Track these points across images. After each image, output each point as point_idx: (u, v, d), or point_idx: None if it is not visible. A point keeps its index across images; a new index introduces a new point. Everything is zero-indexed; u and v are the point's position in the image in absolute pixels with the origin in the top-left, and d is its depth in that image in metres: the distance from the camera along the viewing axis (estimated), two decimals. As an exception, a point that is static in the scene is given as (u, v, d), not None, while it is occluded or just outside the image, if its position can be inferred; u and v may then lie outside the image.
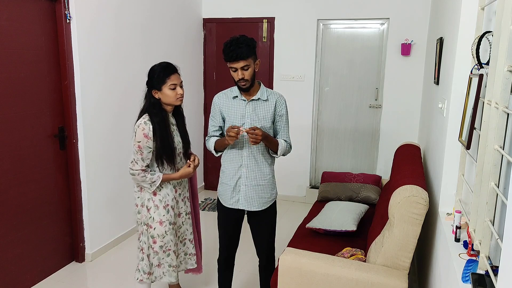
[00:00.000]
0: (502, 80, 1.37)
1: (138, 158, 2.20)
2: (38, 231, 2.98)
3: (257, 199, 2.39)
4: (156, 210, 2.31)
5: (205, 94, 5.13)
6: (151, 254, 2.37)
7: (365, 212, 3.02)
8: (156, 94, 2.23)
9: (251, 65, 2.20)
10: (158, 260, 2.39)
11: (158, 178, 2.24)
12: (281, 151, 2.36)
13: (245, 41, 2.17)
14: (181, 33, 4.54)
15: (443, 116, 2.38)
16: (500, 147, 1.39)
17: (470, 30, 1.98)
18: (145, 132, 2.16)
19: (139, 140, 2.17)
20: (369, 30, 4.49)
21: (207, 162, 5.26)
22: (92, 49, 3.22)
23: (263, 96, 2.32)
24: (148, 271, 2.40)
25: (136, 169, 2.20)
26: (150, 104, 2.24)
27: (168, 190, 2.34)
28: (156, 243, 2.34)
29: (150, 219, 2.32)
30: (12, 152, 2.74)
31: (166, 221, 2.33)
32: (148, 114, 2.22)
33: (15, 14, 2.70)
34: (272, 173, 2.46)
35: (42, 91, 2.94)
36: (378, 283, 2.02)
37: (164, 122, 2.24)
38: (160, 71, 2.21)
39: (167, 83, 2.21)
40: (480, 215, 1.48)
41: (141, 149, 2.17)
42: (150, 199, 2.31)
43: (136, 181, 2.26)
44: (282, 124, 2.40)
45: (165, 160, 2.26)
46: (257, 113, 2.31)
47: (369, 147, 4.69)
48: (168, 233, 2.36)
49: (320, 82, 4.72)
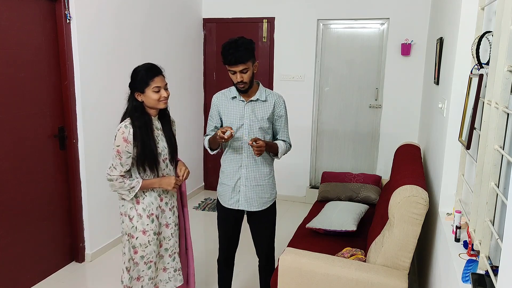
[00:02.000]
0: (502, 80, 1.37)
1: (117, 163, 2.06)
2: (38, 231, 2.98)
3: (256, 199, 2.39)
4: (139, 219, 2.16)
5: (205, 94, 5.13)
6: (131, 267, 2.21)
7: (365, 212, 3.02)
8: (138, 96, 2.10)
9: (250, 67, 2.20)
10: (137, 273, 2.22)
11: (137, 183, 2.10)
12: (281, 153, 2.39)
13: (243, 44, 2.16)
14: (181, 33, 4.54)
15: (443, 116, 2.38)
16: (500, 147, 1.39)
17: (470, 30, 1.98)
18: (124, 136, 2.04)
19: (118, 144, 2.05)
20: (369, 30, 4.49)
21: (207, 162, 5.26)
22: (92, 49, 3.22)
23: (261, 96, 2.32)
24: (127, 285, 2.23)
25: (114, 174, 2.07)
26: (132, 107, 2.11)
27: (152, 199, 2.18)
28: (137, 253, 2.18)
29: (133, 228, 2.17)
30: (12, 152, 2.74)
31: (149, 230, 2.17)
32: (130, 117, 2.10)
33: (15, 14, 2.70)
34: (272, 173, 2.46)
35: (42, 91, 2.94)
36: (378, 283, 2.02)
37: (146, 126, 2.11)
38: (144, 73, 2.09)
39: (150, 85, 2.08)
40: (480, 215, 1.48)
41: (120, 153, 2.05)
42: (133, 208, 2.16)
43: (113, 188, 2.11)
44: (282, 124, 2.41)
45: (147, 167, 2.12)
46: (256, 113, 2.32)
47: (369, 147, 4.69)
48: (151, 243, 2.19)
49: (320, 82, 4.72)
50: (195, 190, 5.11)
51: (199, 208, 4.64)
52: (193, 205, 4.74)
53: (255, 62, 2.25)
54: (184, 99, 4.69)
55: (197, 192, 5.15)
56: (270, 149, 2.34)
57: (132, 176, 2.14)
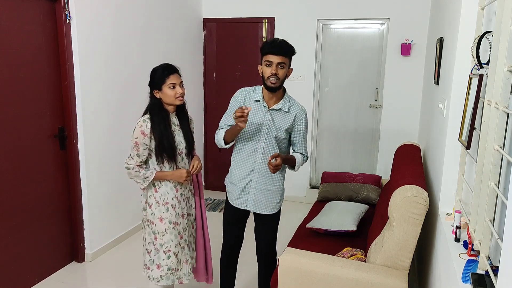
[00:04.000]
0: (502, 80, 1.37)
1: (134, 153, 2.25)
2: (38, 231, 2.98)
3: (265, 203, 2.42)
4: (157, 207, 2.34)
5: (205, 94, 5.12)
6: (152, 251, 2.37)
7: (365, 212, 3.02)
8: (157, 94, 2.29)
9: (286, 66, 2.22)
10: (158, 260, 2.36)
11: (151, 174, 2.28)
12: (298, 167, 2.42)
13: (289, 44, 2.24)
14: (181, 33, 4.54)
15: (443, 116, 2.38)
16: (500, 147, 1.39)
17: (470, 30, 1.98)
18: (142, 129, 2.22)
19: (136, 137, 2.23)
20: (369, 30, 4.49)
21: (207, 162, 5.26)
22: (92, 49, 3.22)
23: (284, 106, 2.32)
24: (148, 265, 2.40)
25: (131, 163, 2.26)
26: (152, 104, 2.30)
27: (167, 188, 2.34)
28: (157, 240, 2.35)
29: (152, 215, 2.35)
30: (12, 152, 2.74)
31: (165, 218, 2.33)
32: (150, 113, 2.29)
33: (15, 14, 2.69)
34: (283, 179, 2.48)
35: (42, 91, 2.94)
36: (378, 283, 2.02)
37: (164, 120, 2.28)
38: (161, 71, 2.28)
39: (166, 82, 2.25)
40: (480, 215, 1.48)
41: (138, 145, 2.23)
42: (152, 196, 2.35)
43: (130, 176, 2.30)
44: (300, 137, 2.41)
45: (165, 158, 2.30)
46: (275, 123, 2.32)
47: (369, 147, 4.69)
48: (167, 231, 2.34)
49: (320, 82, 4.72)
50: (195, 190, 5.11)
51: (199, 208, 4.63)
52: (193, 205, 4.74)
53: (291, 66, 2.28)
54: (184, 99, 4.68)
55: (197, 192, 5.15)
56: (287, 162, 2.38)
57: (151, 167, 2.31)
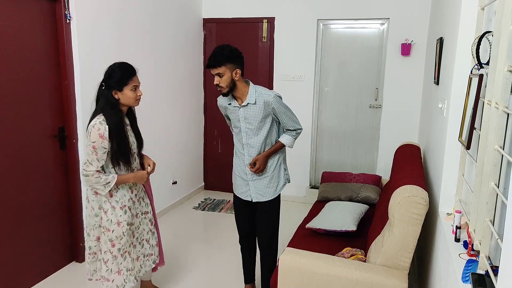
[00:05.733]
0: (502, 80, 1.37)
1: (93, 158, 2.15)
2: (38, 231, 2.98)
3: (265, 190, 2.60)
4: (113, 212, 2.27)
5: (205, 94, 5.13)
6: (109, 259, 2.30)
7: (365, 212, 3.02)
8: (116, 94, 2.21)
9: (226, 73, 2.35)
10: (117, 266, 2.32)
11: (113, 178, 2.20)
12: (290, 144, 2.58)
13: (223, 50, 2.34)
14: (181, 33, 4.54)
15: (443, 116, 2.38)
16: (500, 147, 1.39)
17: (470, 30, 1.98)
18: (100, 132, 2.12)
19: (94, 141, 2.13)
20: (369, 30, 4.49)
21: (207, 162, 5.26)
22: (92, 49, 3.21)
23: (251, 100, 2.45)
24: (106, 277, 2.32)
25: (90, 170, 2.15)
26: (109, 104, 2.20)
27: (124, 191, 2.31)
28: (114, 246, 2.29)
29: (108, 221, 2.27)
30: (12, 152, 2.74)
31: (123, 221, 2.29)
32: (104, 114, 2.17)
33: (15, 14, 2.69)
34: (276, 164, 2.61)
35: (42, 91, 2.94)
36: (378, 283, 2.02)
37: (121, 122, 2.23)
38: (123, 71, 2.22)
39: (129, 84, 2.21)
40: (480, 215, 1.48)
41: (96, 149, 2.13)
42: (107, 201, 2.27)
43: (89, 183, 2.19)
44: (282, 116, 2.52)
45: (121, 161, 2.24)
46: (248, 118, 2.49)
47: (369, 147, 4.69)
48: (125, 234, 2.31)
49: (320, 82, 4.72)
50: (195, 190, 5.11)
51: (199, 208, 4.64)
52: (192, 205, 4.74)
53: (235, 69, 2.37)
54: (184, 99, 4.69)
55: (197, 192, 5.15)
56: (276, 151, 2.58)
57: (105, 171, 2.23)
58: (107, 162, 2.22)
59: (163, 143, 4.29)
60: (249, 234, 2.76)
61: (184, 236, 3.89)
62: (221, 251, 3.57)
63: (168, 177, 4.43)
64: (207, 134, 5.20)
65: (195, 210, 4.59)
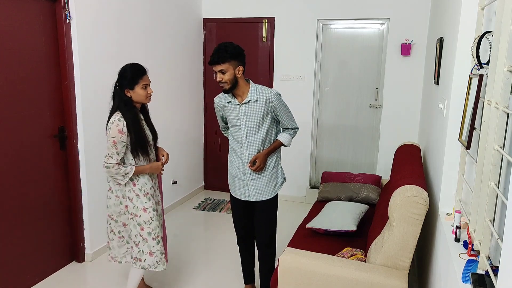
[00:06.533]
0: (502, 80, 1.37)
1: (113, 152, 2.33)
2: (38, 231, 2.98)
3: (264, 189, 2.59)
4: (138, 199, 2.44)
5: (205, 94, 5.12)
6: (140, 242, 2.46)
7: (365, 212, 3.02)
8: (128, 92, 2.38)
9: (229, 69, 2.37)
10: (148, 248, 2.47)
11: (131, 169, 2.38)
12: (288, 143, 2.60)
13: (226, 47, 2.36)
14: (181, 33, 4.54)
15: (443, 116, 2.38)
16: (500, 147, 1.39)
17: (470, 30, 1.98)
18: (119, 128, 2.31)
19: (114, 136, 2.31)
20: (369, 30, 4.49)
21: (207, 162, 5.26)
22: (92, 49, 3.21)
23: (252, 97, 2.47)
24: (137, 257, 2.49)
25: (110, 162, 2.34)
26: (122, 102, 2.38)
27: (145, 179, 2.47)
28: (144, 230, 2.44)
29: (134, 208, 2.44)
30: (12, 152, 2.74)
31: (149, 207, 2.45)
32: (120, 111, 2.36)
33: (15, 14, 2.69)
34: (274, 164, 2.62)
35: (42, 91, 2.94)
36: (378, 283, 2.02)
37: (137, 117, 2.41)
38: (134, 71, 2.39)
39: (139, 82, 2.38)
40: (480, 215, 1.48)
41: (116, 144, 2.32)
42: (131, 190, 2.44)
43: (110, 174, 2.38)
44: (281, 115, 2.55)
45: (140, 152, 2.41)
46: (249, 115, 2.50)
47: (369, 147, 4.69)
48: (153, 219, 2.47)
49: (320, 82, 4.72)
50: (195, 190, 5.11)
51: (199, 208, 4.64)
52: (193, 205, 4.74)
53: (238, 66, 2.40)
54: (184, 99, 4.69)
55: (197, 192, 5.15)
56: (275, 150, 2.59)
57: (126, 163, 2.42)
58: (127, 155, 2.40)
59: (163, 143, 4.27)
60: (247, 235, 2.76)
61: (184, 236, 3.89)
62: (221, 251, 3.57)
63: (168, 177, 4.43)
64: (207, 134, 5.20)
65: (195, 210, 4.59)
